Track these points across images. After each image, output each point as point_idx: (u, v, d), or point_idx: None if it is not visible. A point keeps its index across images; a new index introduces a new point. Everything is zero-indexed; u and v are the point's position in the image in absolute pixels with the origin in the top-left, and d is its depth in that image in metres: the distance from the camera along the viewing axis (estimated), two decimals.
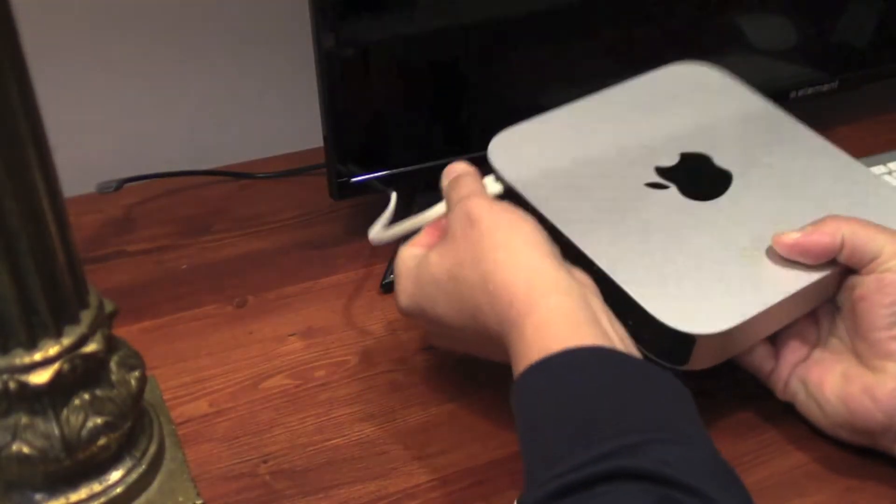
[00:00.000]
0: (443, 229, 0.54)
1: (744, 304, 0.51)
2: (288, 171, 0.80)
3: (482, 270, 0.49)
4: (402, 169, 0.70)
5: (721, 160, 0.60)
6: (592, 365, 0.44)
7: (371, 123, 0.69)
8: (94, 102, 0.80)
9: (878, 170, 0.77)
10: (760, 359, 0.56)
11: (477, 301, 0.49)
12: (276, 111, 0.86)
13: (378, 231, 0.60)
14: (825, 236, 0.52)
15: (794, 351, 0.55)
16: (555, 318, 0.46)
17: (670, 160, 0.59)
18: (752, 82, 0.81)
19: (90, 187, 0.76)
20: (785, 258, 0.53)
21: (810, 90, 0.82)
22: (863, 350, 0.53)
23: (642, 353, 0.50)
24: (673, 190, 0.58)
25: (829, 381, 0.53)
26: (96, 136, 0.81)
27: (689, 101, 0.64)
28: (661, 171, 0.59)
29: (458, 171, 0.56)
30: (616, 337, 0.47)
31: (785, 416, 0.57)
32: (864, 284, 0.52)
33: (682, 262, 0.53)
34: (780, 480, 0.53)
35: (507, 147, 0.60)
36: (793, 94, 0.82)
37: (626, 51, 0.75)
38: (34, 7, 0.73)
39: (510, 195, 0.57)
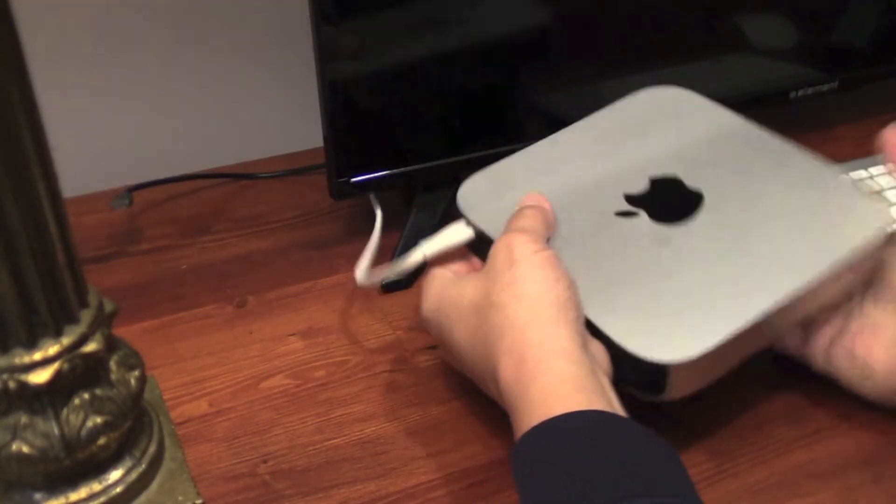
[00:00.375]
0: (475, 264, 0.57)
1: (716, 327, 0.50)
2: (288, 170, 0.80)
3: (503, 318, 0.49)
4: (401, 169, 0.70)
5: (692, 181, 0.58)
6: (596, 427, 0.45)
7: (371, 123, 0.69)
8: (94, 103, 0.80)
9: (877, 170, 0.77)
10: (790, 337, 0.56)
11: (491, 344, 0.50)
12: (277, 111, 0.86)
13: (364, 273, 0.61)
14: None
15: (825, 321, 0.55)
16: (561, 385, 0.46)
17: (640, 186, 0.58)
18: (752, 82, 0.81)
19: (90, 187, 0.76)
20: (760, 274, 0.53)
21: (810, 90, 0.82)
22: None
23: (622, 386, 0.50)
24: (643, 216, 0.57)
25: (876, 353, 0.53)
26: (96, 136, 0.81)
27: (659, 125, 0.64)
28: (631, 199, 0.58)
29: (531, 201, 0.56)
30: (621, 410, 0.47)
31: (785, 416, 0.57)
32: None
33: (652, 289, 0.53)
34: (780, 480, 0.53)
35: (475, 192, 0.59)
36: (793, 94, 0.82)
37: (625, 52, 0.75)
38: (34, 8, 0.73)
39: (481, 239, 0.56)
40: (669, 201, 0.58)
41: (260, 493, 0.53)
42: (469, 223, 0.57)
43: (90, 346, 0.43)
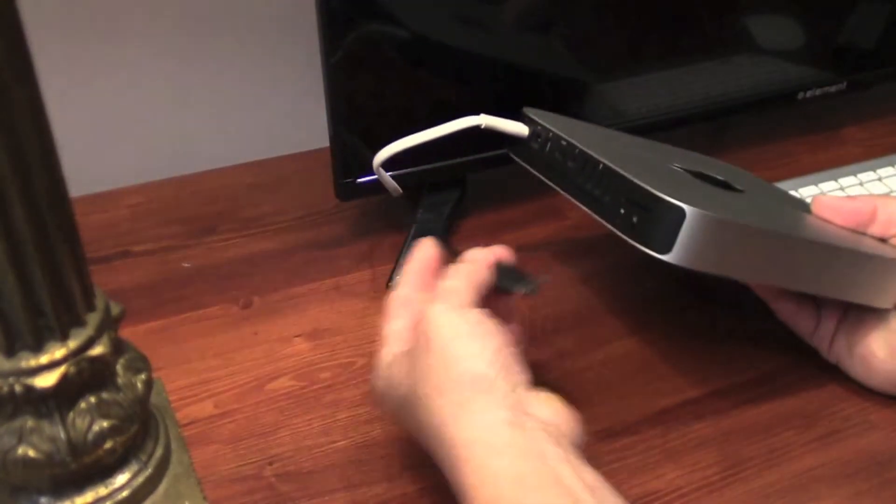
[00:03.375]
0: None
1: (740, 217, 0.51)
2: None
3: (429, 417, 0.45)
4: (407, 169, 0.70)
5: (738, 186, 0.61)
6: None
7: (377, 124, 0.69)
8: (100, 102, 0.80)
9: (885, 171, 0.77)
10: (805, 318, 0.59)
11: (427, 442, 0.46)
12: (283, 111, 0.86)
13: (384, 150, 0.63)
14: (859, 202, 0.57)
15: (834, 306, 0.58)
16: (506, 488, 0.41)
17: (691, 168, 0.61)
18: (759, 83, 0.81)
19: (96, 187, 0.76)
20: (795, 219, 0.56)
21: (818, 91, 0.82)
22: None
23: (628, 241, 0.51)
24: (689, 175, 0.60)
25: (875, 336, 0.56)
26: (102, 135, 0.81)
27: (715, 164, 0.68)
28: (681, 169, 0.61)
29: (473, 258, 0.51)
30: (583, 486, 0.42)
31: (794, 419, 0.57)
32: None
33: (691, 187, 0.56)
34: (790, 484, 0.53)
35: (542, 112, 0.63)
36: (800, 95, 0.82)
37: (632, 53, 0.75)
38: (41, 6, 0.73)
39: (533, 137, 0.61)
40: (714, 184, 0.61)
41: (265, 495, 0.53)
42: (529, 122, 0.62)
43: (97, 350, 0.43)
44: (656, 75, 0.76)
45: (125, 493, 0.47)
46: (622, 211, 0.51)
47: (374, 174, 0.69)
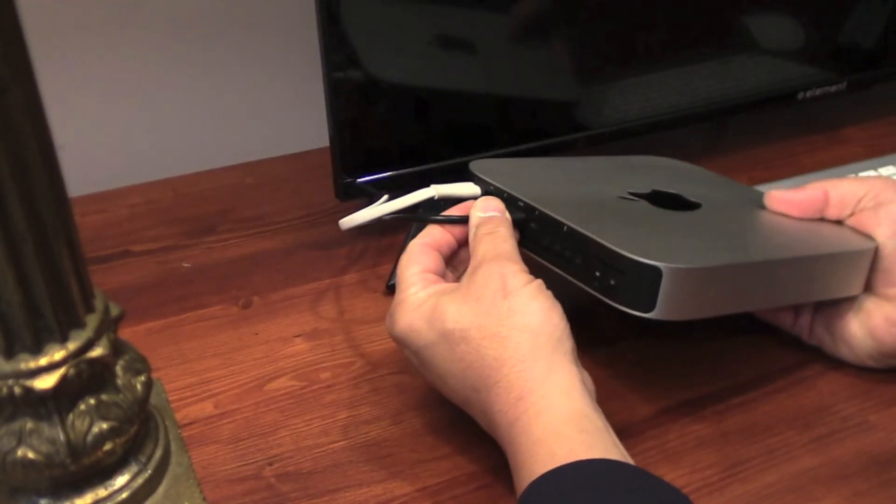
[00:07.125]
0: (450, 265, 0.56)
1: (712, 256, 0.52)
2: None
3: (502, 351, 0.48)
4: (407, 170, 0.70)
5: (692, 197, 0.61)
6: (604, 478, 0.44)
7: (377, 124, 0.69)
8: (100, 102, 0.80)
9: (886, 171, 0.77)
10: (783, 313, 0.61)
11: (485, 376, 0.49)
12: (283, 111, 0.86)
13: (348, 217, 0.59)
14: (810, 190, 0.59)
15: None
16: (564, 425, 0.46)
17: (643, 190, 0.61)
18: (759, 83, 0.81)
19: (95, 187, 0.76)
20: (758, 241, 0.56)
21: (818, 91, 0.82)
22: (874, 282, 0.57)
23: (613, 305, 0.51)
24: (643, 202, 0.59)
25: (851, 318, 0.58)
26: (101, 135, 0.81)
27: (664, 167, 0.68)
28: (634, 194, 0.60)
29: (493, 208, 0.56)
30: (617, 440, 0.47)
31: (793, 420, 0.57)
32: (863, 221, 0.57)
33: (651, 229, 0.55)
34: (788, 485, 0.53)
35: (487, 164, 0.61)
36: (801, 95, 0.82)
37: (632, 54, 0.75)
38: (41, 7, 0.73)
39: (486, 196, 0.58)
40: (669, 202, 0.60)
41: (265, 495, 0.53)
42: (479, 182, 0.59)
43: (96, 352, 0.43)
44: (656, 75, 0.76)
45: (125, 495, 0.47)
46: (597, 273, 0.51)
47: (373, 174, 0.69)
